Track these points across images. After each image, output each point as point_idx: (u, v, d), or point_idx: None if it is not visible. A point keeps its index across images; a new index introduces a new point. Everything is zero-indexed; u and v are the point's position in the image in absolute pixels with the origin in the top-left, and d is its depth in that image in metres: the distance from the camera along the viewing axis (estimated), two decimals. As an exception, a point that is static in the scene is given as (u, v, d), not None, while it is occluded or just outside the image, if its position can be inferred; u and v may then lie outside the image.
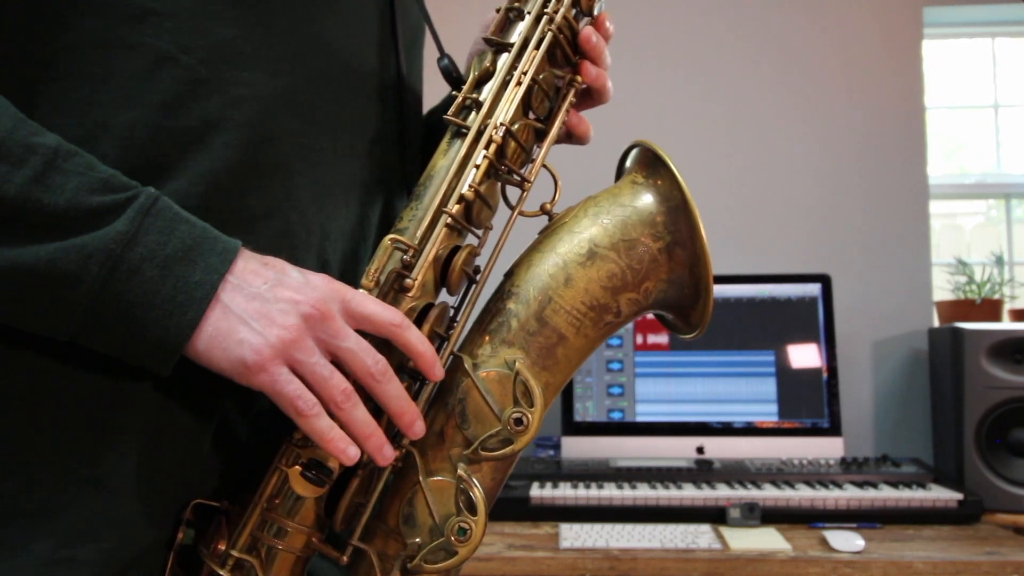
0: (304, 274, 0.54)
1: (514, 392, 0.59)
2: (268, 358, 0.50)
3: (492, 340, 0.61)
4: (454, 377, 0.60)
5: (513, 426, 0.58)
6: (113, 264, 0.48)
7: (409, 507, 0.58)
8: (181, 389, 0.54)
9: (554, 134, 0.67)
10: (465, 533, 0.56)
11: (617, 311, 0.63)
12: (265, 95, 0.57)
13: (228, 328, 0.51)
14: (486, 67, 0.64)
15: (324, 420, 0.52)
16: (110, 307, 0.49)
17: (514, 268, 0.63)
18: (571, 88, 0.68)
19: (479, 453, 0.58)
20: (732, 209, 2.16)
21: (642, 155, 0.67)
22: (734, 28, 2.22)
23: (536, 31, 0.65)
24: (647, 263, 0.63)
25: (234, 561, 0.55)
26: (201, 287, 0.50)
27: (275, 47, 0.58)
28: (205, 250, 0.51)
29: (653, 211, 0.63)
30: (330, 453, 0.53)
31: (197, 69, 0.54)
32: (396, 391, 0.55)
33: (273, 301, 0.52)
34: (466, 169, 0.61)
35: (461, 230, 0.62)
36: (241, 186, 0.56)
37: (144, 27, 0.54)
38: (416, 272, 0.58)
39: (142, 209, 0.50)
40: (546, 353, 0.60)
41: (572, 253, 0.62)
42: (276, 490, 0.56)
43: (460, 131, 0.63)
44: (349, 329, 0.53)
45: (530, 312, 0.61)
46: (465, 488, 0.57)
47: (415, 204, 0.61)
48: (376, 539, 0.59)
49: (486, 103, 0.63)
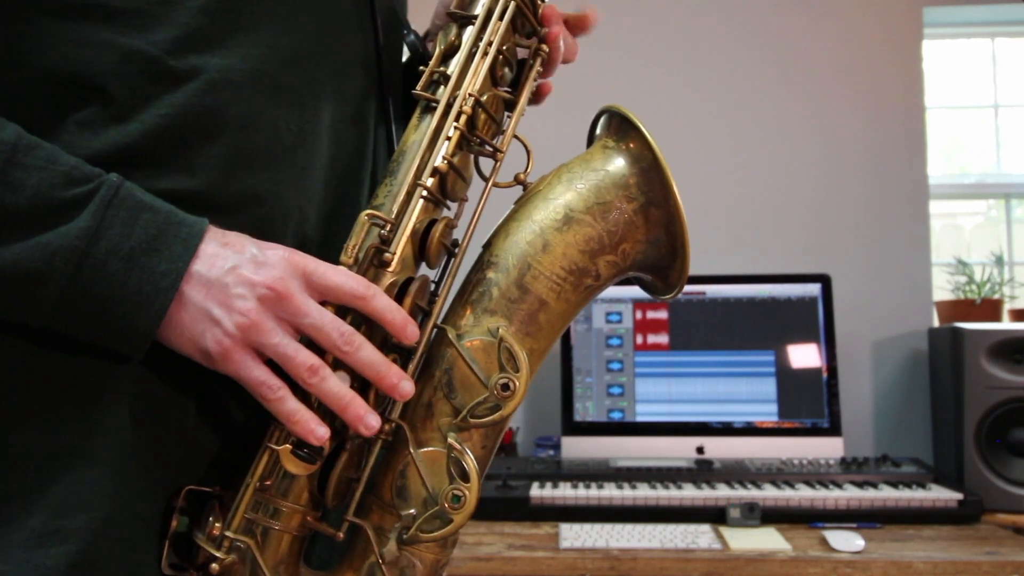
0: (262, 251, 0.54)
1: (499, 358, 0.59)
2: (229, 347, 0.52)
3: (474, 310, 0.61)
4: (439, 349, 0.61)
5: (500, 392, 0.58)
6: (78, 260, 0.49)
7: (402, 479, 0.58)
8: (165, 365, 0.54)
9: (523, 103, 0.68)
10: (459, 500, 0.57)
11: (596, 274, 0.63)
12: (237, 79, 0.57)
13: (190, 319, 0.52)
14: (451, 40, 0.65)
15: (289, 403, 0.53)
16: (78, 301, 0.50)
17: (492, 238, 0.64)
18: (537, 57, 0.69)
19: (468, 421, 0.59)
20: (732, 209, 2.16)
21: (612, 120, 0.67)
22: (734, 28, 2.22)
23: (499, 2, 0.66)
24: (623, 224, 0.63)
25: (230, 543, 0.55)
26: (166, 277, 0.51)
27: (245, 31, 0.58)
28: (169, 237, 0.52)
29: (626, 173, 0.64)
30: (297, 435, 0.53)
31: (163, 60, 0.55)
32: (368, 357, 0.54)
33: (231, 286, 0.52)
34: (438, 142, 0.62)
35: (437, 203, 0.62)
36: (217, 172, 0.56)
37: (111, 26, 0.54)
38: (394, 246, 0.59)
39: (104, 201, 0.50)
40: (529, 319, 0.61)
41: (548, 219, 0.63)
42: (268, 470, 0.56)
43: (430, 105, 0.63)
44: (310, 304, 0.53)
45: (510, 280, 0.61)
46: (456, 456, 0.58)
47: (389, 180, 0.62)
48: (372, 514, 0.59)
49: (453, 76, 0.63)
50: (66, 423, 0.52)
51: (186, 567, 0.56)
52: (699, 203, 2.05)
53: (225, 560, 0.54)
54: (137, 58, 0.54)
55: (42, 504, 0.51)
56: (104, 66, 0.54)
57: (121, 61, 0.54)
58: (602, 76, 2.05)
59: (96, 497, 0.52)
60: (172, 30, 0.55)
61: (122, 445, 0.53)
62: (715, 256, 2.06)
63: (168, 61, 0.55)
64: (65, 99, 0.54)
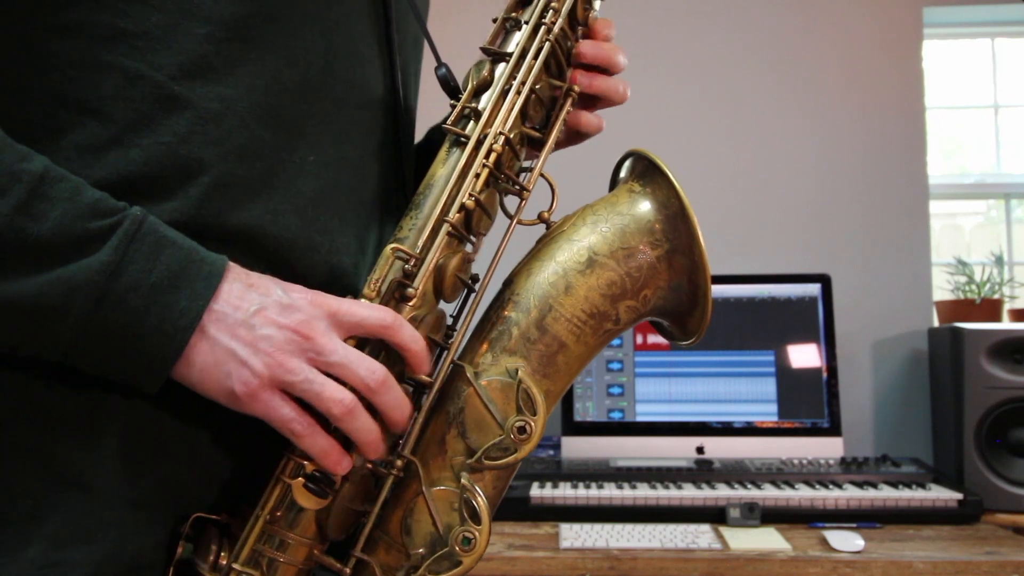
0: (288, 293, 0.54)
1: (517, 400, 0.58)
2: (256, 388, 0.51)
3: (493, 348, 0.61)
4: (455, 385, 0.60)
5: (516, 435, 0.58)
6: (99, 296, 0.49)
7: (411, 517, 0.58)
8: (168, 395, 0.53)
9: (552, 143, 0.68)
10: (469, 543, 0.56)
11: (616, 319, 0.63)
12: (241, 110, 0.56)
13: (215, 361, 0.51)
14: (484, 76, 0.64)
15: (320, 439, 0.53)
16: (97, 337, 0.49)
17: (513, 276, 0.64)
18: (568, 98, 0.68)
19: (482, 462, 0.58)
20: (732, 209, 2.16)
21: (638, 163, 0.67)
22: (734, 29, 2.22)
23: (535, 41, 0.65)
24: (646, 271, 0.63)
25: (236, 574, 0.55)
26: (186, 315, 0.51)
27: (252, 62, 0.57)
28: (191, 275, 0.51)
29: (651, 219, 0.64)
30: (325, 468, 0.54)
31: (168, 86, 0.54)
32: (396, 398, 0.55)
33: (258, 327, 0.52)
34: (466, 178, 0.61)
35: (461, 239, 0.62)
36: (218, 203, 0.56)
37: (116, 47, 0.53)
38: (418, 281, 0.58)
39: (127, 236, 0.50)
40: (547, 361, 0.61)
41: (572, 261, 0.62)
42: (278, 502, 0.55)
43: (459, 140, 0.63)
44: (336, 343, 0.53)
45: (531, 320, 0.61)
46: (468, 497, 0.57)
47: (415, 213, 0.61)
48: (378, 550, 0.58)
49: (485, 112, 0.63)
50: (65, 453, 0.52)
51: None
52: (699, 203, 2.04)
53: None
54: (141, 82, 0.53)
55: (41, 534, 0.50)
56: (107, 89, 0.53)
57: (125, 84, 0.53)
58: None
59: (97, 528, 0.52)
60: (177, 56, 0.54)
61: (123, 474, 0.53)
62: (715, 256, 2.05)
63: (172, 87, 0.54)
64: (66, 122, 0.53)
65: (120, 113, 0.53)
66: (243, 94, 0.56)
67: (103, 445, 0.52)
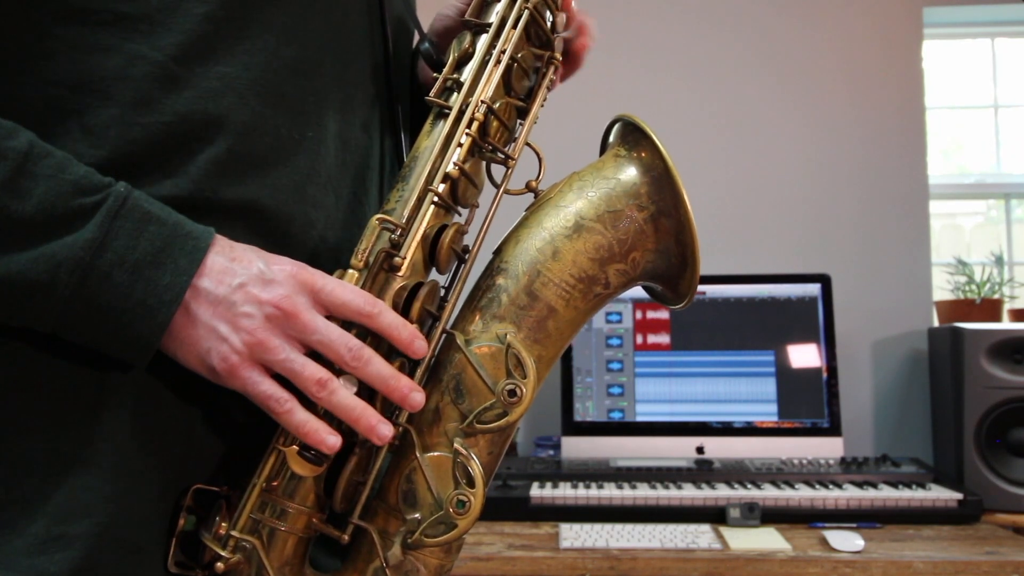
0: (269, 266, 0.54)
1: (507, 364, 0.59)
2: (236, 364, 0.52)
3: (483, 316, 0.61)
4: (447, 354, 0.61)
5: (507, 398, 0.58)
6: (83, 272, 0.49)
7: (408, 484, 0.58)
8: (169, 369, 0.54)
9: (535, 111, 0.68)
10: (464, 506, 0.57)
11: (606, 282, 0.63)
12: (239, 87, 0.57)
13: (196, 336, 0.52)
14: (465, 48, 0.65)
15: (299, 414, 0.53)
16: (83, 313, 0.50)
17: (502, 244, 0.64)
18: (550, 65, 0.69)
19: (474, 426, 0.59)
20: (732, 209, 2.16)
21: (624, 128, 0.67)
22: (734, 29, 2.22)
23: (513, 10, 0.66)
24: (633, 233, 0.64)
25: (235, 543, 0.55)
26: (170, 290, 0.51)
27: (250, 39, 0.58)
28: (175, 250, 0.52)
29: (637, 182, 0.64)
30: (310, 444, 0.54)
31: (168, 65, 0.55)
32: (378, 370, 0.55)
33: (238, 304, 0.52)
34: (450, 148, 0.62)
35: (448, 209, 0.62)
36: (217, 178, 0.56)
37: (117, 30, 0.54)
38: (405, 251, 0.59)
39: (111, 212, 0.50)
40: (537, 326, 0.61)
41: (559, 227, 0.63)
42: (275, 471, 0.56)
43: (442, 111, 0.64)
44: (317, 321, 0.54)
45: (520, 286, 0.61)
46: (462, 462, 0.58)
47: (401, 185, 0.62)
48: (377, 517, 0.59)
49: (466, 83, 0.64)
50: (68, 428, 0.52)
51: (192, 566, 0.56)
52: (699, 203, 2.04)
53: (230, 560, 0.55)
54: (142, 63, 0.54)
55: (44, 510, 0.51)
56: (110, 71, 0.54)
57: (127, 65, 0.54)
58: (604, 79, 2.05)
59: (98, 502, 0.52)
60: (177, 36, 0.55)
61: (124, 449, 0.53)
62: (715, 256, 2.06)
63: (172, 67, 0.55)
64: (71, 103, 0.54)
65: (122, 93, 0.54)
66: (241, 72, 0.58)
67: (104, 420, 0.53)
